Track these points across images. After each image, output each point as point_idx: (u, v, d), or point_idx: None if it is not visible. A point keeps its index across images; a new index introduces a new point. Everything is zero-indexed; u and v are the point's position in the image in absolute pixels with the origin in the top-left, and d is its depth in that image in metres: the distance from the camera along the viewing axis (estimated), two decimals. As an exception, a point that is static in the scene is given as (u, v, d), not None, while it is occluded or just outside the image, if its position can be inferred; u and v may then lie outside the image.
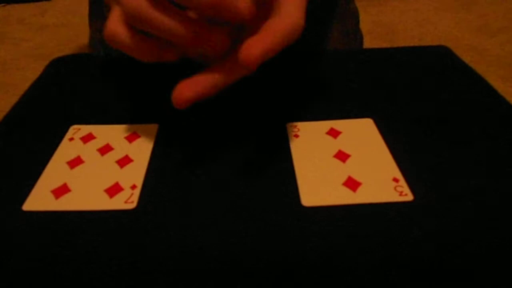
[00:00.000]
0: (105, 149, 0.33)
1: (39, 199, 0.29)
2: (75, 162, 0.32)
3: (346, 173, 0.30)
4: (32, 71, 1.50)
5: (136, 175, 0.31)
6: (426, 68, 0.44)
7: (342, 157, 0.32)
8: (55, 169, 0.31)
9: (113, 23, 0.28)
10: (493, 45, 1.59)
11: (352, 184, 0.29)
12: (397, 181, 0.30)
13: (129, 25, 0.28)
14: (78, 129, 0.36)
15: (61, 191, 0.29)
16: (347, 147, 0.33)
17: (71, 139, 0.35)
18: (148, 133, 0.35)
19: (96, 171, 0.31)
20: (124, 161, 0.32)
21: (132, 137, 0.34)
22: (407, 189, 0.29)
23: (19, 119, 0.38)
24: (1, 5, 2.05)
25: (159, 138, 0.34)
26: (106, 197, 0.29)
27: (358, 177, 0.30)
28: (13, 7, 2.06)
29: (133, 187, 0.30)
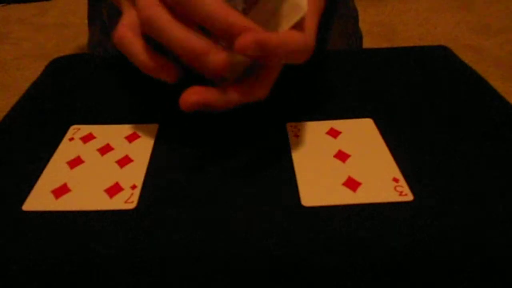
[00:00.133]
0: (105, 149, 0.33)
1: (39, 199, 0.29)
2: (75, 162, 0.32)
3: (346, 173, 0.30)
4: (32, 71, 1.50)
5: (136, 175, 0.31)
6: (426, 68, 0.44)
7: (342, 157, 0.32)
8: (55, 169, 0.31)
9: (123, 27, 0.29)
10: (493, 45, 1.59)
11: (352, 184, 0.29)
12: (397, 181, 0.30)
13: (138, 33, 0.29)
14: (78, 129, 0.36)
15: (61, 191, 0.29)
16: (347, 147, 0.33)
17: (71, 139, 0.35)
18: (148, 133, 0.35)
19: (96, 171, 0.31)
20: (124, 161, 0.32)
21: (132, 137, 0.34)
22: (407, 189, 0.29)
23: (19, 119, 0.38)
24: (1, 5, 2.05)
25: (159, 138, 0.34)
26: (106, 197, 0.29)
27: (358, 177, 0.30)
28: (13, 7, 2.06)
29: (133, 187, 0.30)
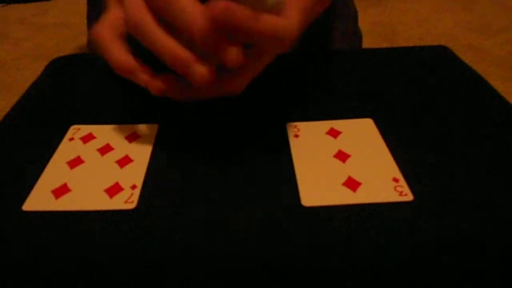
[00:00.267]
0: (105, 149, 0.33)
1: (39, 199, 0.29)
2: (75, 162, 0.32)
3: (346, 173, 0.30)
4: (32, 71, 1.50)
5: (136, 175, 0.31)
6: (426, 68, 0.44)
7: (342, 157, 0.32)
8: (55, 169, 0.31)
9: (102, 27, 0.29)
10: (493, 45, 1.59)
11: (352, 184, 0.29)
12: (397, 181, 0.30)
13: (117, 33, 0.29)
14: (78, 129, 0.36)
15: (61, 191, 0.29)
16: (347, 147, 0.33)
17: (71, 139, 0.35)
18: (148, 133, 0.35)
19: (96, 171, 0.31)
20: (124, 161, 0.32)
21: (132, 137, 0.34)
22: (407, 189, 0.29)
23: (19, 119, 0.38)
24: (1, 5, 2.05)
25: (159, 138, 0.34)
26: (106, 197, 0.29)
27: (358, 177, 0.30)
28: (13, 7, 2.06)
29: (133, 187, 0.30)
